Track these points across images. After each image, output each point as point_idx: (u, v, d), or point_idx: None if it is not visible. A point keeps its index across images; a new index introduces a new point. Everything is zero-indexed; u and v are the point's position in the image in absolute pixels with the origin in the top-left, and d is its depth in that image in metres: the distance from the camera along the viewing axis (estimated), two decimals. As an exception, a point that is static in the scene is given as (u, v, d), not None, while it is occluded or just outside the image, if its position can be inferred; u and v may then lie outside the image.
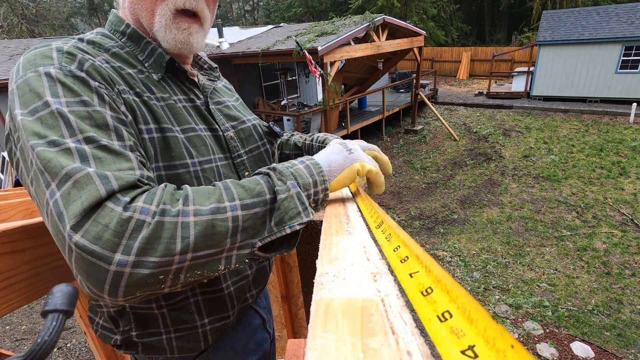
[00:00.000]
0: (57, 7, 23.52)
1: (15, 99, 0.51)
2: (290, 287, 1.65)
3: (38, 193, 0.47)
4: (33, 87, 0.50)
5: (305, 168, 0.59)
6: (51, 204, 0.44)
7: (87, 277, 0.43)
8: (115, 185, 0.44)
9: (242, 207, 0.51)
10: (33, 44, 9.53)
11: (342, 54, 8.48)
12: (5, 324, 4.49)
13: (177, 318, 0.67)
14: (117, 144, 0.50)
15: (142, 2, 0.63)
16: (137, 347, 0.69)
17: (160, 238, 0.44)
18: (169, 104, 0.65)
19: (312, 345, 0.28)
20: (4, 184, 7.54)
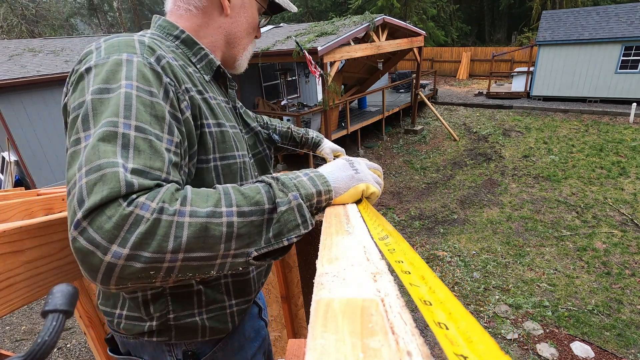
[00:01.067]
0: (56, 7, 23.51)
1: (92, 74, 0.55)
2: (290, 287, 1.65)
3: (70, 165, 0.50)
4: (113, 69, 0.55)
5: (309, 180, 0.61)
6: (77, 187, 0.47)
7: (82, 263, 0.46)
8: (135, 187, 0.47)
9: (239, 214, 0.51)
10: (33, 44, 9.52)
11: (342, 54, 8.48)
12: (5, 324, 4.49)
13: (210, 297, 0.73)
14: (165, 138, 0.55)
15: (241, 40, 0.81)
16: (170, 332, 0.71)
17: (155, 235, 0.45)
18: (218, 102, 0.74)
19: (312, 346, 0.28)
20: (4, 184, 7.54)
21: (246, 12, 0.80)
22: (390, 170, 9.62)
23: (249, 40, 0.84)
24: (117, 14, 25.50)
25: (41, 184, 7.53)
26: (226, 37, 0.79)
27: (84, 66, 0.57)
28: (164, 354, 0.76)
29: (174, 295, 0.70)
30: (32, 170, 7.42)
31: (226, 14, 0.77)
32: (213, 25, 0.77)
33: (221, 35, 0.78)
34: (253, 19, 0.81)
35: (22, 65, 7.67)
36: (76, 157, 0.49)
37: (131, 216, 0.45)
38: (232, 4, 0.76)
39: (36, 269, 0.79)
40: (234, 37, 0.80)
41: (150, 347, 0.77)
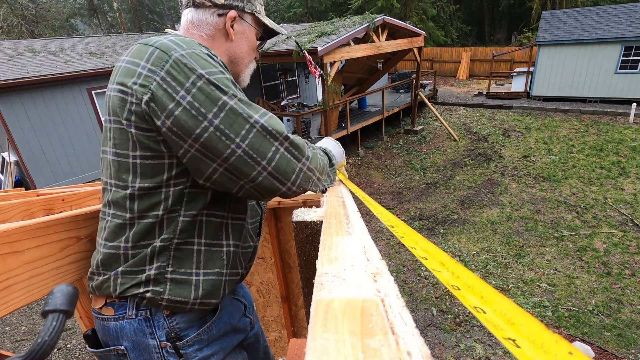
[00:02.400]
0: (56, 7, 23.52)
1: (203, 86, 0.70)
2: (291, 288, 1.65)
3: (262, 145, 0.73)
4: (221, 83, 0.72)
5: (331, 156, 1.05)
6: (282, 149, 0.76)
7: (287, 166, 0.76)
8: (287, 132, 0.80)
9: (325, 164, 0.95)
10: (33, 44, 9.53)
11: (342, 55, 8.48)
12: (5, 324, 4.49)
13: (209, 260, 0.83)
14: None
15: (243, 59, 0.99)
16: (165, 284, 0.78)
17: (314, 155, 0.86)
18: None
19: (312, 346, 0.28)
20: (4, 184, 7.54)
21: (246, 37, 0.96)
22: (390, 171, 9.62)
23: (250, 60, 1.00)
24: (117, 14, 25.50)
25: (41, 184, 7.53)
26: (230, 57, 0.96)
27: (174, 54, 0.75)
28: (146, 338, 0.78)
29: (177, 251, 0.79)
30: (32, 171, 7.42)
31: (231, 40, 0.93)
32: (220, 48, 0.93)
33: (226, 56, 0.95)
34: (252, 42, 0.99)
35: (22, 66, 7.67)
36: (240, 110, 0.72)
37: (304, 142, 0.83)
38: (235, 31, 0.94)
39: (36, 269, 0.79)
40: (237, 58, 0.97)
41: (131, 330, 0.78)
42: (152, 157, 0.74)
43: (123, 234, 0.76)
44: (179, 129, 0.69)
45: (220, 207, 0.84)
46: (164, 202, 0.76)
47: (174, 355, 0.80)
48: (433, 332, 4.24)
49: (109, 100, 0.75)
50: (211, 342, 0.86)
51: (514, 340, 0.23)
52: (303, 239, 0.91)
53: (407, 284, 5.16)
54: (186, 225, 0.78)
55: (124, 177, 0.75)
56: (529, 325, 0.24)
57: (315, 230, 0.88)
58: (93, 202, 1.42)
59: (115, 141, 0.75)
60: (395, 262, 5.71)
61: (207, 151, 0.70)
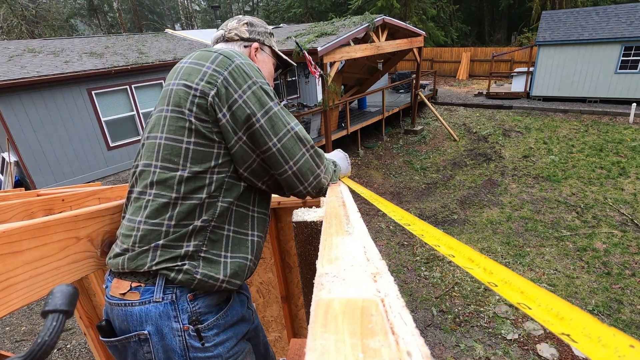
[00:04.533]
0: (56, 8, 23.51)
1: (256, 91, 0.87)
2: (291, 288, 1.64)
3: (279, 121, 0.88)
4: (269, 91, 0.90)
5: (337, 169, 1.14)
6: (308, 155, 0.93)
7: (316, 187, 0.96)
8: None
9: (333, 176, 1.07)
10: (33, 45, 9.52)
11: (342, 55, 8.48)
12: (5, 325, 4.49)
13: (236, 245, 0.91)
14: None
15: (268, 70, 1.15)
16: (199, 260, 0.85)
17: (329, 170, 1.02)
18: None
19: (312, 346, 0.28)
20: (4, 184, 7.54)
21: (266, 64, 1.14)
22: (390, 171, 9.62)
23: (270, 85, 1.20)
24: (117, 14, 25.50)
25: (41, 184, 7.53)
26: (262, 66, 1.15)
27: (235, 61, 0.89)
28: (170, 321, 0.82)
29: (212, 233, 0.87)
30: (32, 171, 7.42)
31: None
32: None
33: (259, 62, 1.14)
34: (271, 69, 1.16)
35: (22, 66, 7.67)
36: (280, 116, 0.89)
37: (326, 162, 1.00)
38: (258, 59, 1.11)
39: (36, 269, 0.79)
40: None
41: (156, 314, 0.81)
42: (204, 145, 0.85)
43: (166, 212, 0.83)
44: (234, 122, 0.84)
45: (247, 200, 0.94)
46: (207, 186, 0.85)
47: (195, 339, 0.84)
48: (433, 332, 4.24)
49: (170, 94, 0.87)
50: (227, 328, 0.91)
51: (568, 335, 0.23)
52: (303, 239, 0.91)
53: (407, 284, 5.16)
54: (223, 211, 0.88)
55: (176, 159, 0.84)
56: (580, 320, 0.24)
57: (315, 230, 0.88)
58: (93, 202, 1.42)
59: (170, 127, 0.85)
60: (395, 262, 5.71)
61: (251, 143, 0.86)
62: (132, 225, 0.86)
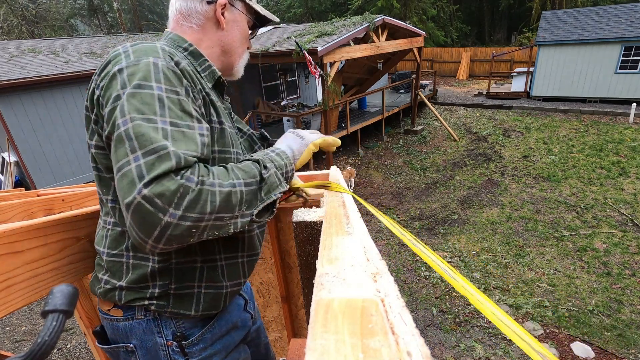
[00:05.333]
0: (56, 8, 23.51)
1: (124, 74, 0.66)
2: (290, 288, 1.64)
3: (119, 151, 0.61)
4: (143, 70, 0.66)
5: (277, 155, 0.83)
6: (133, 165, 0.59)
7: (141, 224, 0.58)
8: (182, 164, 0.60)
9: (245, 184, 0.69)
10: (33, 45, 9.52)
11: (342, 55, 8.48)
12: (5, 325, 4.49)
13: (209, 275, 0.83)
14: (196, 126, 0.68)
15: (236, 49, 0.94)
16: (169, 299, 0.79)
17: (199, 200, 0.60)
18: (219, 105, 0.85)
19: (312, 346, 0.28)
20: (4, 184, 7.54)
21: (238, 25, 0.93)
22: (390, 171, 9.62)
23: (242, 50, 0.97)
24: (117, 14, 25.50)
25: (41, 184, 7.53)
26: (223, 47, 0.92)
27: (116, 67, 0.68)
28: (154, 336, 0.80)
29: (178, 270, 0.79)
30: (32, 171, 7.42)
31: (222, 28, 0.90)
32: (212, 38, 0.90)
33: (219, 47, 0.92)
34: (244, 30, 0.95)
35: (22, 66, 7.67)
36: (124, 141, 0.61)
37: (182, 187, 0.59)
38: (226, 19, 0.90)
39: (36, 269, 0.79)
40: (230, 47, 0.93)
41: (140, 329, 0.79)
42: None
43: (123, 242, 0.78)
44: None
45: None
46: None
47: (180, 354, 0.82)
48: (433, 332, 4.24)
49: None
50: (215, 341, 0.88)
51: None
52: (303, 239, 0.91)
53: (407, 284, 5.16)
54: None
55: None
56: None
57: (315, 230, 0.88)
58: (93, 202, 1.42)
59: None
60: (395, 262, 5.71)
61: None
62: (99, 255, 0.82)
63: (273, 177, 0.76)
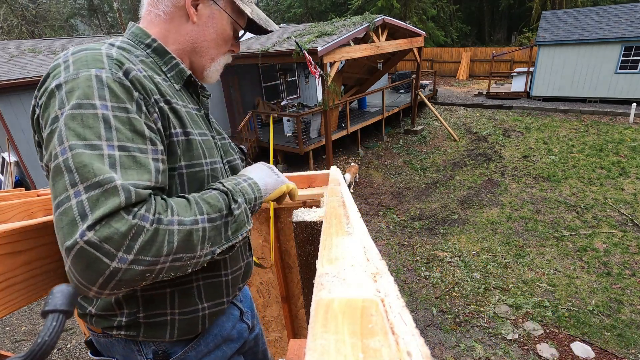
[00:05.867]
0: (56, 8, 23.52)
1: (63, 91, 0.57)
2: (290, 288, 1.64)
3: (57, 185, 0.52)
4: (83, 86, 0.56)
5: (249, 186, 0.75)
6: (74, 202, 0.50)
7: (84, 270, 0.50)
8: (133, 199, 0.52)
9: (209, 220, 0.62)
10: (33, 45, 9.53)
11: (342, 55, 8.49)
12: (5, 325, 4.49)
13: (182, 299, 0.75)
14: (150, 149, 0.59)
15: (208, 50, 0.81)
16: (139, 328, 0.73)
17: (154, 242, 0.53)
18: (187, 110, 0.75)
19: (312, 346, 0.28)
20: (4, 184, 7.54)
21: (215, 23, 0.79)
22: (390, 171, 9.62)
23: (218, 52, 0.83)
24: (117, 14, 25.50)
25: (41, 184, 7.53)
26: (192, 44, 0.79)
27: (54, 82, 0.58)
28: (134, 354, 0.77)
29: (145, 297, 0.72)
30: (32, 171, 7.42)
31: (192, 21, 0.77)
32: (181, 32, 0.77)
33: (188, 43, 0.79)
34: (223, 31, 0.81)
35: (22, 66, 7.67)
36: (63, 173, 0.52)
37: (135, 227, 0.51)
38: (199, 13, 0.77)
39: (36, 269, 0.79)
40: (199, 46, 0.80)
41: (120, 346, 0.77)
42: None
43: None
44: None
45: None
46: None
47: None
48: (433, 332, 4.24)
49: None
50: (201, 358, 0.82)
51: None
52: (303, 239, 0.91)
53: (407, 284, 5.16)
54: None
55: None
56: None
57: (315, 230, 0.88)
58: (93, 202, 1.42)
59: None
60: (395, 262, 5.71)
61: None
62: None
63: (242, 215, 0.69)
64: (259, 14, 0.85)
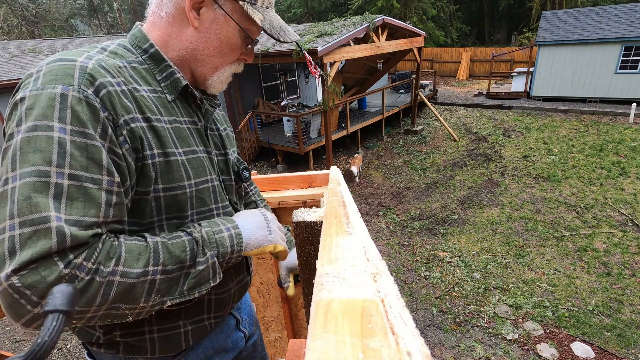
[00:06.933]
0: (57, 8, 23.52)
1: (24, 106, 0.53)
2: (290, 288, 1.64)
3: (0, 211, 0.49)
4: (44, 105, 0.52)
5: (229, 237, 0.69)
6: (7, 235, 0.47)
7: (8, 309, 0.48)
8: (68, 243, 0.48)
9: (162, 272, 0.58)
10: (33, 45, 9.53)
11: (342, 55, 8.49)
12: (5, 325, 4.49)
13: (161, 318, 0.71)
14: (105, 180, 0.54)
15: (210, 59, 0.73)
16: (118, 346, 0.70)
17: (86, 292, 0.50)
18: (174, 127, 0.69)
19: (312, 346, 0.28)
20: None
21: (218, 30, 0.71)
22: (390, 171, 9.62)
23: (222, 61, 0.74)
24: (117, 14, 25.52)
25: (41, 184, 7.53)
26: (192, 52, 0.72)
27: (20, 94, 0.55)
28: None
29: None
30: (32, 171, 7.41)
31: (193, 26, 0.70)
32: (180, 37, 0.71)
33: (188, 50, 0.71)
34: (228, 39, 0.72)
35: (22, 66, 7.67)
36: (6, 200, 0.49)
37: (66, 277, 0.48)
38: (201, 17, 0.69)
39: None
40: (200, 54, 0.72)
41: (109, 357, 0.74)
42: None
43: None
44: None
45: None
46: None
47: None
48: (433, 332, 4.24)
49: None
50: None
51: None
52: (303, 239, 0.91)
53: (407, 284, 5.16)
54: None
55: None
56: None
57: (315, 230, 0.88)
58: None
59: None
60: (395, 262, 5.71)
61: None
62: None
63: (207, 270, 0.63)
64: (272, 22, 0.76)
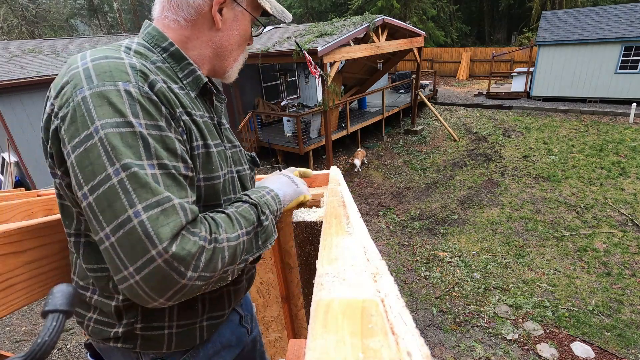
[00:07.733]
0: (57, 8, 23.51)
1: (90, 105, 0.54)
2: (290, 288, 1.64)
3: (114, 206, 0.52)
4: (115, 101, 0.54)
5: (272, 198, 0.80)
6: (136, 221, 0.51)
7: (157, 285, 0.53)
8: (189, 217, 0.56)
9: (246, 233, 0.67)
10: (33, 45, 9.53)
11: (342, 55, 8.48)
12: (5, 325, 4.49)
13: (181, 312, 0.74)
14: (182, 168, 0.60)
15: (231, 53, 0.80)
16: (135, 340, 0.72)
17: (212, 260, 0.58)
18: (204, 121, 0.73)
19: (312, 346, 0.28)
20: (4, 185, 7.54)
21: (239, 25, 0.77)
22: (390, 171, 9.62)
23: (239, 52, 0.82)
24: (117, 14, 25.52)
25: (41, 184, 7.53)
26: (216, 50, 0.77)
27: (78, 94, 0.55)
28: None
29: (144, 308, 0.70)
30: (32, 171, 7.42)
31: (217, 28, 0.74)
32: (202, 38, 0.74)
33: (210, 49, 0.76)
34: (245, 31, 0.79)
35: (22, 66, 7.67)
36: (117, 194, 0.52)
37: (198, 247, 0.56)
38: (224, 18, 0.74)
39: (36, 269, 0.79)
40: (224, 50, 0.78)
41: (119, 353, 0.76)
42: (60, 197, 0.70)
43: (89, 277, 0.71)
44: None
45: None
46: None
47: None
48: (433, 332, 4.24)
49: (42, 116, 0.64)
50: None
51: None
52: (303, 239, 0.91)
53: (407, 284, 5.16)
54: None
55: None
56: None
57: (315, 230, 0.88)
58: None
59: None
60: (395, 262, 5.71)
61: (89, 220, 0.55)
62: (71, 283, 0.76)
63: (270, 226, 0.74)
64: (276, 6, 0.84)
